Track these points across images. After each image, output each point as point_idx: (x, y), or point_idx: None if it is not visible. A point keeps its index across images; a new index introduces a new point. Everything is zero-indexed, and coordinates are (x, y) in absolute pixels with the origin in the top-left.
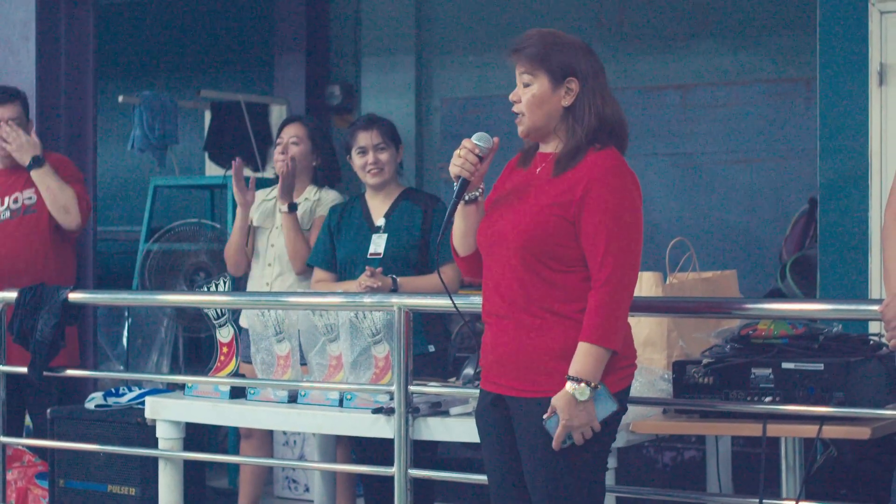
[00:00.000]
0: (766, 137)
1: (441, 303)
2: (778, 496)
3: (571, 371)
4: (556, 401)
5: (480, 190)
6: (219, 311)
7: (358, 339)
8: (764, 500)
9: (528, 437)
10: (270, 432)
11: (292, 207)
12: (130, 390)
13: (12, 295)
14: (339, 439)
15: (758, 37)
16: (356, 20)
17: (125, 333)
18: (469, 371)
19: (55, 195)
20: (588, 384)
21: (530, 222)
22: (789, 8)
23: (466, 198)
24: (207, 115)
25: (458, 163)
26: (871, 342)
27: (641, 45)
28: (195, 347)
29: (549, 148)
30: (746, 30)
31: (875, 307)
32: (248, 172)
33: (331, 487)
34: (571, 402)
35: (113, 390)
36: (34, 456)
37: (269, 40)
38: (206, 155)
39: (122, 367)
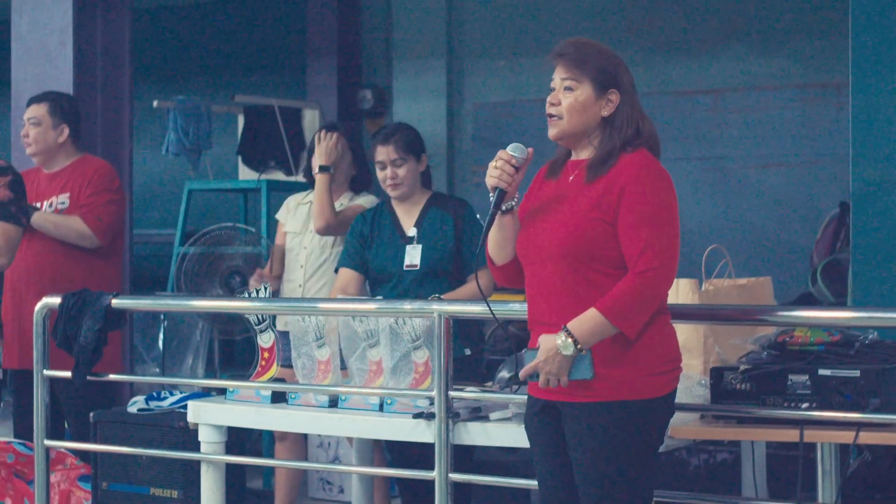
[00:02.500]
0: (797, 142)
1: (480, 309)
2: (814, 500)
3: (569, 325)
4: (543, 341)
5: (516, 199)
6: (260, 317)
7: (398, 344)
8: None
9: (580, 442)
10: (305, 434)
11: (325, 169)
12: (172, 394)
13: (55, 300)
14: (376, 441)
15: (789, 42)
16: (388, 24)
17: (161, 336)
18: (504, 374)
19: (61, 232)
20: (575, 343)
21: (573, 229)
22: (820, 13)
23: (503, 208)
24: (241, 120)
25: (496, 174)
26: None
27: (672, 50)
28: (229, 350)
29: (581, 156)
30: (777, 35)
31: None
32: (280, 176)
33: (368, 489)
34: (553, 349)
35: (155, 394)
36: (76, 459)
37: (301, 45)
38: (240, 159)
39: (157, 370)
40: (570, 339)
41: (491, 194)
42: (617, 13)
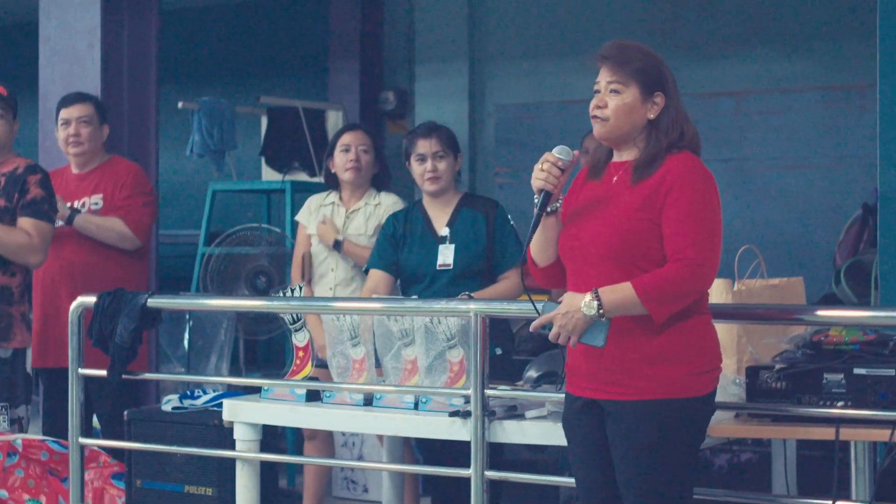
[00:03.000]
0: (819, 144)
1: (516, 308)
2: (848, 499)
3: (600, 289)
4: (568, 297)
5: (560, 201)
6: (295, 316)
7: (433, 343)
8: (837, 502)
9: (624, 440)
10: (332, 433)
11: (337, 245)
12: (205, 393)
13: (91, 300)
14: (406, 440)
15: (812, 44)
16: (410, 27)
17: (186, 336)
18: (532, 374)
19: (103, 234)
20: (599, 307)
21: (619, 229)
22: (843, 15)
23: (548, 210)
24: (264, 121)
25: (542, 176)
26: None
27: (695, 53)
28: (254, 350)
29: (625, 157)
30: (800, 37)
31: None
32: (304, 177)
33: (399, 487)
34: (576, 306)
35: (188, 393)
36: (109, 457)
37: (323, 47)
38: (263, 160)
39: (182, 370)
40: (595, 302)
41: (536, 196)
42: (640, 15)
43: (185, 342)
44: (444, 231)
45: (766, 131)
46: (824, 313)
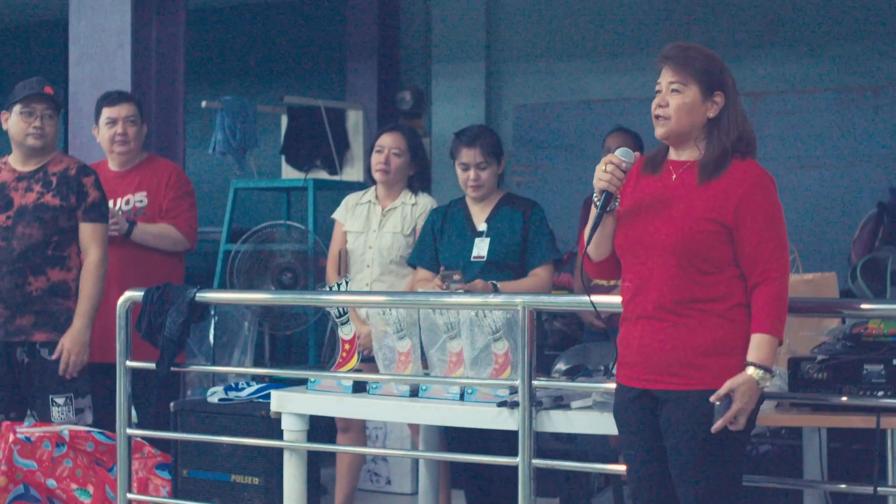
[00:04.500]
0: (834, 144)
1: (563, 301)
2: (885, 485)
3: (752, 358)
4: (737, 384)
5: (618, 200)
6: (340, 310)
7: (478, 336)
8: (878, 488)
9: (679, 429)
10: (365, 427)
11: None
12: (249, 385)
13: (138, 294)
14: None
15: (826, 46)
16: (427, 27)
17: (211, 331)
18: (560, 367)
19: (159, 242)
20: (768, 371)
21: (686, 230)
22: (857, 17)
23: (608, 209)
24: (284, 120)
25: (606, 178)
26: None
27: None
28: (274, 345)
29: (684, 156)
30: (815, 39)
31: None
32: (324, 175)
33: (434, 477)
34: (754, 386)
35: (233, 385)
36: (153, 448)
37: (342, 47)
38: (283, 158)
39: (207, 364)
40: (763, 371)
41: (597, 197)
42: (656, 16)
43: (211, 337)
44: (482, 226)
45: (783, 131)
46: (867, 306)
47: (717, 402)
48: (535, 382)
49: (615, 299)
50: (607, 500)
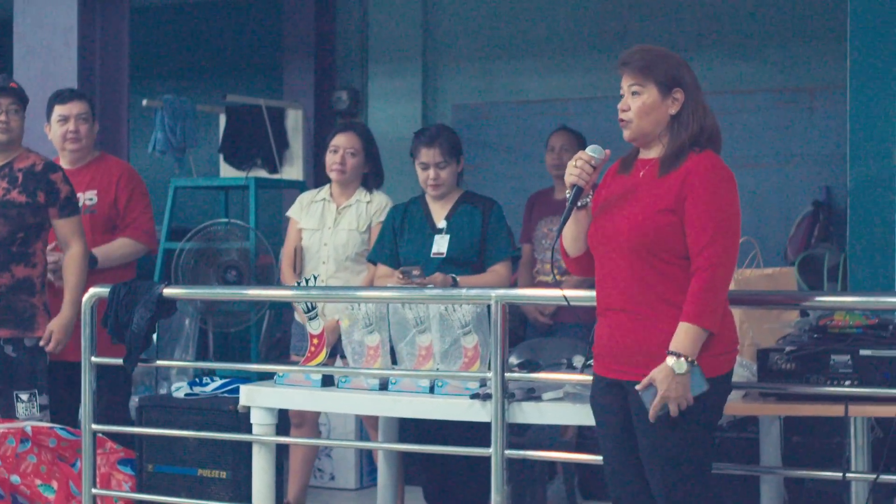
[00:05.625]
0: (770, 144)
1: (535, 294)
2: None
3: (672, 346)
4: (656, 373)
5: (590, 196)
6: (309, 305)
7: (448, 330)
8: (847, 473)
9: (646, 419)
10: (318, 422)
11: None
12: (212, 380)
13: (104, 290)
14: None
15: (763, 47)
16: (363, 26)
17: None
18: (512, 361)
19: (124, 259)
20: (686, 359)
21: (644, 222)
22: (794, 20)
23: (579, 203)
24: (222, 119)
25: (576, 172)
26: None
27: None
28: (224, 342)
29: (651, 154)
30: (751, 41)
31: None
32: (264, 174)
33: (394, 472)
34: (670, 374)
35: (197, 380)
36: (115, 443)
37: (279, 46)
38: (222, 157)
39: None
40: (679, 359)
41: (568, 191)
42: (592, 18)
43: (154, 336)
44: (442, 224)
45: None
46: (823, 299)
47: (642, 390)
48: (507, 374)
49: (587, 293)
50: (559, 490)
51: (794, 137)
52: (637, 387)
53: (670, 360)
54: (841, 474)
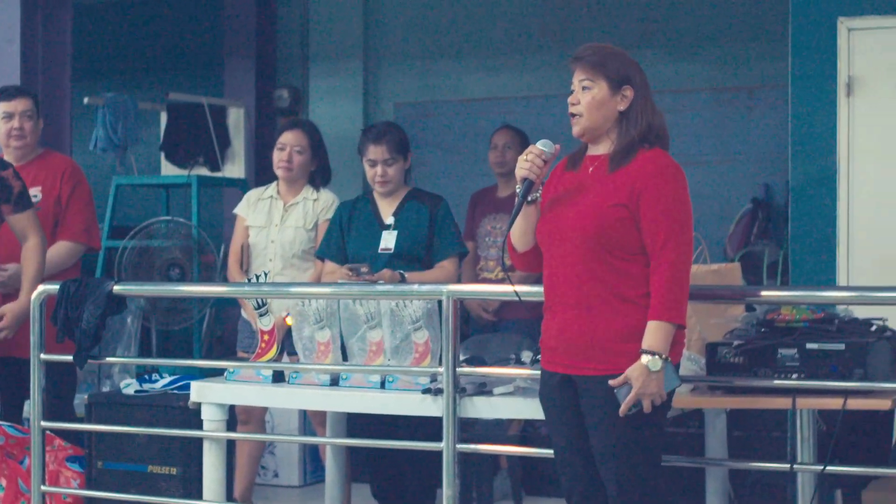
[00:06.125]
0: (710, 142)
1: (486, 290)
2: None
3: (644, 345)
4: (631, 371)
5: (540, 191)
6: (259, 302)
7: (399, 326)
8: (795, 465)
9: (598, 412)
10: (265, 419)
11: None
12: (162, 377)
13: (54, 287)
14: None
15: (702, 47)
16: (304, 25)
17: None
18: (459, 356)
19: (62, 263)
20: (660, 356)
21: (595, 216)
22: (731, 21)
23: (529, 198)
24: (163, 117)
25: (526, 166)
26: (875, 326)
27: None
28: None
29: (600, 150)
30: (691, 41)
31: (886, 294)
32: (205, 171)
33: (342, 468)
34: (645, 372)
35: (147, 377)
36: (63, 440)
37: (219, 44)
38: (163, 155)
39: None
40: (654, 356)
41: (518, 185)
42: (532, 18)
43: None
44: (389, 220)
45: None
46: (768, 293)
47: (617, 388)
48: (459, 369)
49: (538, 288)
50: (504, 485)
51: (734, 136)
52: (611, 383)
53: (645, 359)
54: (789, 466)
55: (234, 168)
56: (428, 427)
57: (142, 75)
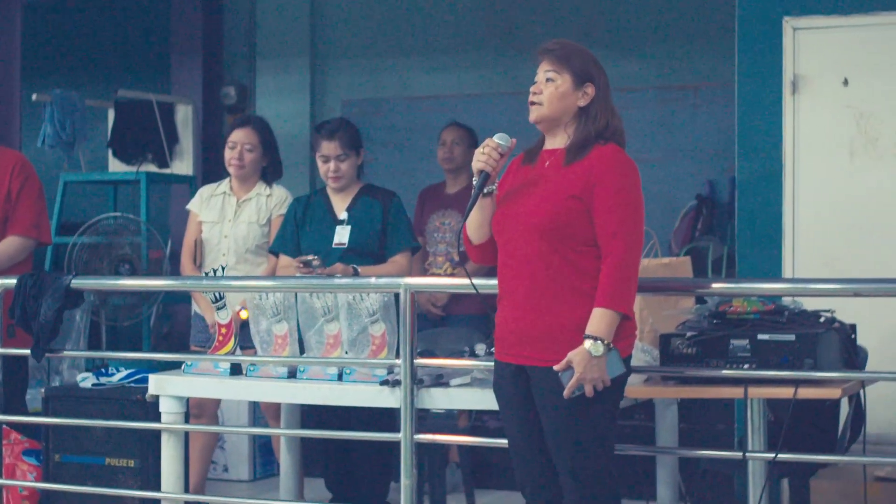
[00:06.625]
0: (655, 140)
1: (444, 283)
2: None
3: (588, 330)
4: (573, 356)
5: (497, 184)
6: (217, 295)
7: (356, 319)
8: (747, 453)
9: (550, 402)
10: (218, 413)
11: None
12: (118, 370)
13: (11, 281)
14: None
15: (647, 46)
16: (251, 22)
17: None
18: None
19: (10, 259)
20: (602, 342)
21: (550, 209)
22: (675, 20)
23: (485, 191)
24: (111, 114)
25: (483, 159)
26: (823, 318)
27: (531, 53)
28: (114, 335)
29: (556, 143)
30: (635, 39)
31: (833, 286)
32: (154, 168)
33: (297, 462)
34: (587, 356)
35: (103, 370)
36: (20, 434)
37: (166, 41)
38: (110, 152)
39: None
40: (596, 342)
41: (475, 178)
42: (478, 16)
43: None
44: (343, 215)
45: None
46: (718, 286)
47: (561, 371)
48: (416, 361)
49: (493, 281)
50: (456, 477)
51: (679, 134)
52: (555, 367)
53: (587, 343)
54: (741, 454)
55: (183, 165)
56: (381, 421)
57: (89, 72)
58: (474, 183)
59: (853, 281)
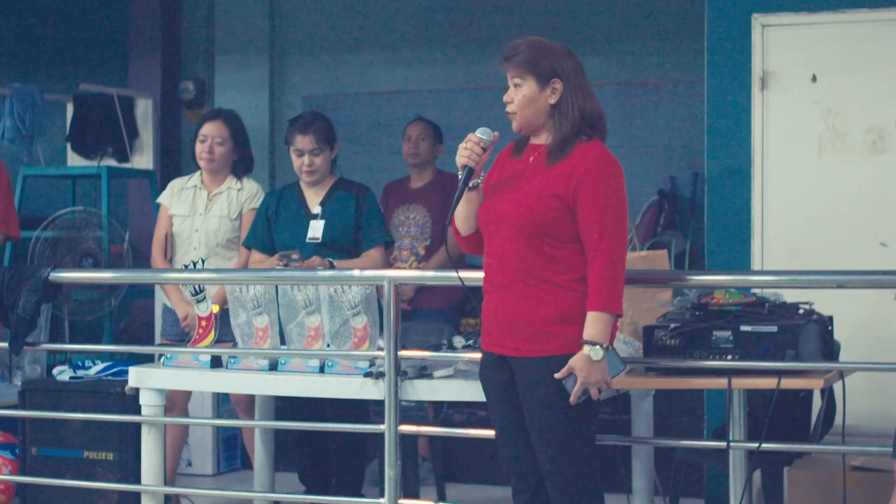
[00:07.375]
0: (617, 136)
1: (424, 275)
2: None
3: (585, 336)
4: (574, 362)
5: (482, 177)
6: (197, 288)
7: (338, 311)
8: (731, 443)
9: (531, 391)
10: (188, 406)
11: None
12: (94, 364)
13: None
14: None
15: (608, 43)
16: (210, 17)
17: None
18: (380, 343)
19: None
20: (601, 346)
21: (531, 205)
22: (637, 17)
23: (470, 185)
24: (69, 108)
25: (465, 154)
26: (802, 310)
27: (493, 49)
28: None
29: (540, 140)
30: (596, 36)
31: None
32: (114, 163)
33: (271, 455)
34: (588, 362)
35: (80, 363)
36: None
37: (125, 36)
38: (69, 146)
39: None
40: (594, 346)
41: (460, 172)
42: (437, 13)
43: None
44: (316, 209)
45: None
46: (694, 278)
47: (564, 379)
48: (400, 353)
49: (479, 274)
50: (428, 471)
51: (640, 130)
52: (557, 375)
53: (586, 349)
54: (725, 444)
55: (143, 159)
56: (355, 412)
57: (48, 66)
58: (460, 177)
59: (836, 273)
